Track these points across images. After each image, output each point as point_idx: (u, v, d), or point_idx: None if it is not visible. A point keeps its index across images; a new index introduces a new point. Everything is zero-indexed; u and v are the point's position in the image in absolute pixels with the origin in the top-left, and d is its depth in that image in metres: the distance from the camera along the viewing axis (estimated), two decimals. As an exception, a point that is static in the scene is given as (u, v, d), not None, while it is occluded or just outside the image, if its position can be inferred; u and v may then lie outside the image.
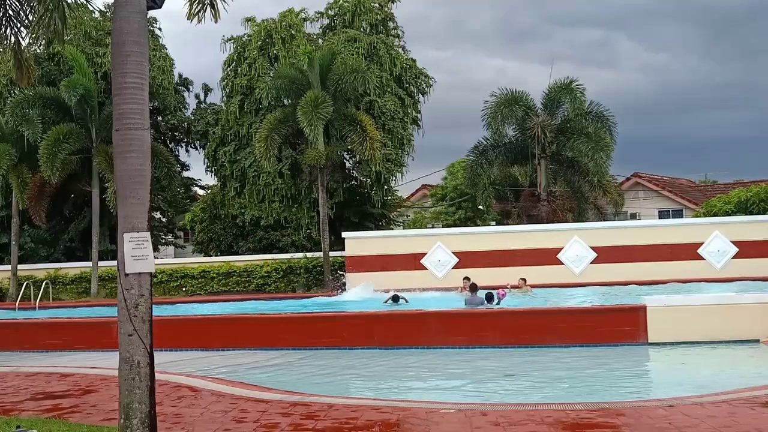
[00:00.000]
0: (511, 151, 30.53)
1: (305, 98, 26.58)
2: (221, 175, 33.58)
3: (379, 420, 7.58)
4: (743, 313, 13.48)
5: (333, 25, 35.19)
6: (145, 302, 6.34)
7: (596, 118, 29.21)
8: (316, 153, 26.86)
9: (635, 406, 8.04)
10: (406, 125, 32.90)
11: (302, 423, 7.55)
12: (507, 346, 13.69)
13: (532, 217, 28.98)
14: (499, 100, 29.50)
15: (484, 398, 9.72)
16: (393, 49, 33.59)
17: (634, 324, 13.58)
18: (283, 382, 10.79)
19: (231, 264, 29.04)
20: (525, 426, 7.08)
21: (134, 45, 6.53)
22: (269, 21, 33.40)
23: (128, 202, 6.40)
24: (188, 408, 8.57)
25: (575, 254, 24.84)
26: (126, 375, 6.27)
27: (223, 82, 33.84)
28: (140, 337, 6.28)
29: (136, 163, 6.45)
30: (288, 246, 31.81)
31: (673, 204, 43.33)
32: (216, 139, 33.62)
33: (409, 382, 11.56)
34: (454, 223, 40.98)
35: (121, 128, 6.47)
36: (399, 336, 14.36)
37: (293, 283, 28.24)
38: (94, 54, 31.94)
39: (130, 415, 6.20)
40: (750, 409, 7.66)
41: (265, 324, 15.65)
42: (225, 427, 7.47)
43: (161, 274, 28.21)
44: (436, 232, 30.26)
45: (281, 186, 31.86)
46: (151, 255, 6.40)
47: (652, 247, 24.50)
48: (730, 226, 24.94)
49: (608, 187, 31.44)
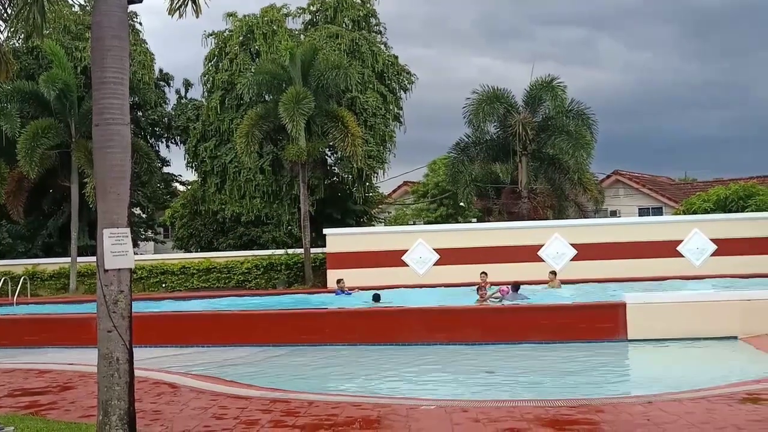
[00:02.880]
0: (493, 148, 30.63)
1: (287, 94, 26.48)
2: (202, 170, 33.40)
3: (359, 416, 7.58)
4: (721, 311, 13.61)
5: (315, 21, 35.11)
6: (124, 298, 6.30)
7: (577, 116, 29.37)
8: (298, 149, 26.79)
9: (614, 403, 8.10)
10: (388, 122, 32.90)
11: (282, 419, 7.53)
12: (488, 342, 13.73)
13: (513, 214, 29.08)
14: (481, 97, 29.58)
15: (465, 395, 9.75)
16: (375, 45, 33.57)
17: (613, 321, 13.68)
18: (264, 379, 10.77)
19: (211, 260, 28.90)
20: (505, 422, 7.10)
21: (114, 39, 6.47)
22: (251, 16, 33.26)
23: (108, 197, 6.35)
24: (168, 405, 8.53)
25: (556, 251, 24.96)
26: (105, 371, 6.23)
27: (204, 77, 33.66)
28: (119, 334, 6.24)
29: (116, 159, 6.40)
30: (269, 242, 31.70)
31: (653, 201, 43.66)
32: (197, 135, 33.44)
33: (389, 378, 11.57)
34: (436, 220, 41.04)
35: (101, 123, 6.41)
36: (380, 332, 14.37)
37: (274, 280, 28.15)
38: (74, 48, 31.64)
39: (108, 412, 6.16)
40: (728, 405, 7.74)
41: (245, 320, 15.59)
42: (204, 423, 7.43)
43: (141, 270, 28.01)
44: (417, 229, 30.25)
45: (262, 182, 31.76)
46: (130, 251, 6.36)
47: (631, 244, 24.66)
48: (709, 224, 25.16)
49: (589, 185, 31.61)
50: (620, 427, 7.02)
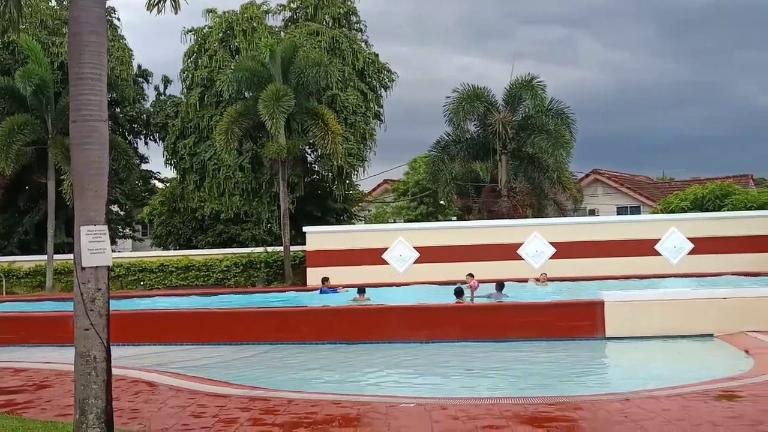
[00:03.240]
0: (473, 146, 30.72)
1: (267, 91, 26.39)
2: (181, 168, 33.21)
3: (339, 414, 7.57)
4: (698, 309, 13.73)
5: (295, 18, 35.01)
6: (102, 296, 6.24)
7: (556, 115, 29.53)
8: (278, 147, 26.70)
9: (592, 400, 8.15)
10: (369, 120, 32.88)
11: (261, 418, 7.50)
12: (467, 340, 13.76)
13: (492, 212, 29.18)
14: (461, 95, 29.65)
15: (444, 392, 9.77)
16: (356, 43, 33.54)
17: (591, 319, 13.75)
18: (243, 377, 10.73)
19: (190, 258, 28.73)
20: (484, 420, 7.12)
21: (92, 35, 6.40)
22: (230, 13, 33.10)
23: (85, 194, 6.29)
24: (145, 403, 8.47)
25: (535, 250, 25.08)
26: (82, 370, 6.17)
27: (183, 73, 33.46)
28: (97, 332, 6.18)
29: (94, 155, 6.33)
30: (248, 240, 31.59)
31: (631, 200, 44.02)
32: (175, 132, 33.24)
33: (369, 376, 11.57)
34: (416, 218, 41.10)
35: (79, 119, 6.35)
36: (360, 331, 14.35)
37: (253, 278, 28.06)
38: (51, 43, 31.32)
39: (85, 411, 6.10)
40: (703, 402, 7.81)
41: (224, 318, 15.50)
42: (183, 422, 7.39)
43: (119, 268, 27.80)
44: (397, 227, 30.29)
45: (242, 179, 31.63)
46: (108, 248, 6.30)
47: (610, 242, 24.82)
48: (686, 223, 25.38)
49: (568, 184, 31.81)
50: (598, 424, 7.07)
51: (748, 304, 13.64)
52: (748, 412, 7.25)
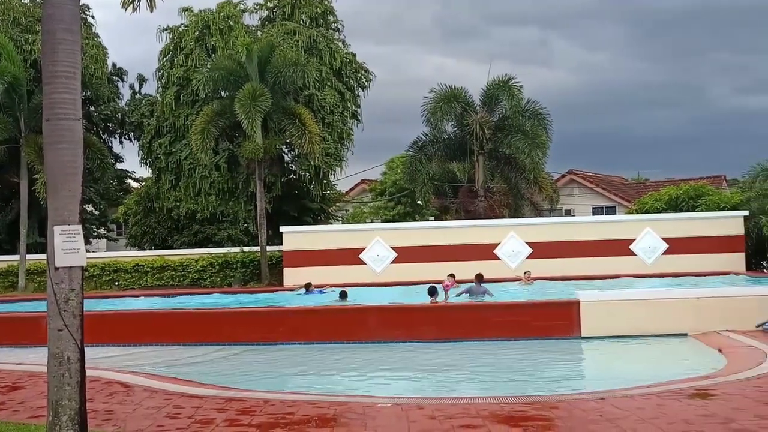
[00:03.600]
0: (450, 147, 30.79)
1: (243, 91, 26.27)
2: (156, 167, 32.96)
3: (315, 415, 7.56)
4: (672, 308, 13.88)
5: (272, 18, 34.88)
6: (75, 296, 6.18)
7: (533, 115, 29.68)
8: (254, 146, 26.57)
9: (568, 399, 8.20)
10: (346, 119, 32.85)
11: (238, 418, 7.46)
12: (445, 340, 13.80)
13: (469, 212, 29.26)
14: (439, 96, 29.70)
15: (421, 392, 9.79)
16: (333, 42, 33.48)
17: (568, 318, 13.85)
18: (219, 378, 10.67)
19: (165, 258, 28.50)
20: (461, 419, 7.14)
21: (66, 33, 6.34)
22: (207, 11, 32.90)
23: (59, 194, 6.22)
24: (120, 404, 8.39)
25: (512, 249, 25.19)
26: (55, 371, 6.11)
27: (158, 72, 33.20)
28: (71, 333, 6.12)
29: (68, 155, 6.27)
30: (224, 240, 31.42)
31: (607, 201, 44.36)
32: (151, 131, 32.99)
33: (346, 376, 11.57)
34: (393, 218, 41.11)
35: (52, 118, 6.28)
36: (337, 331, 14.35)
37: (229, 278, 27.90)
38: (23, 41, 30.94)
39: (59, 412, 6.04)
40: (677, 401, 7.89)
41: (200, 318, 15.42)
42: (158, 423, 7.34)
43: (93, 268, 27.49)
44: (374, 227, 30.27)
45: (218, 179, 31.46)
46: (82, 248, 6.24)
47: (586, 243, 25.00)
48: (660, 223, 25.62)
49: (544, 184, 31.96)
50: (574, 423, 7.11)
51: (721, 304, 13.82)
52: (721, 410, 7.33)
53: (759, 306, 13.63)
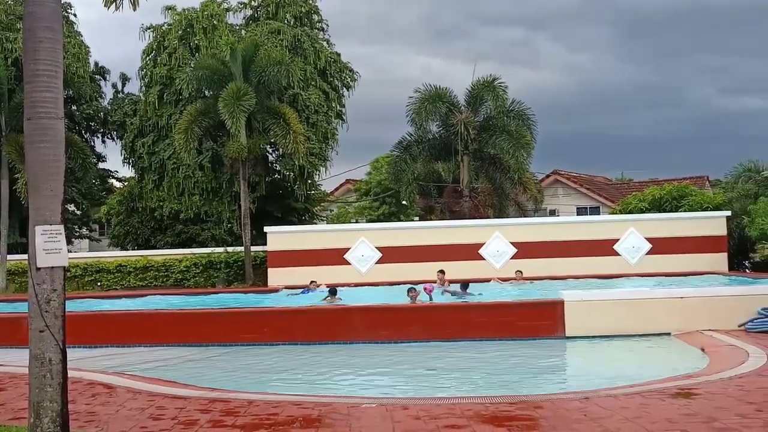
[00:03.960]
0: (435, 147, 30.81)
1: (227, 90, 26.17)
2: (139, 167, 32.78)
3: (300, 415, 7.53)
4: (656, 308, 13.96)
5: (256, 17, 34.79)
6: (57, 297, 6.13)
7: (518, 116, 29.77)
8: (238, 146, 26.47)
9: (552, 399, 8.22)
10: (331, 119, 32.81)
11: (222, 419, 7.42)
12: (430, 340, 13.80)
13: (454, 212, 29.30)
14: (424, 96, 29.72)
15: (406, 392, 9.78)
16: (317, 42, 33.43)
17: (552, 318, 13.89)
18: (203, 379, 10.61)
19: (149, 258, 28.35)
20: (446, 419, 7.14)
21: (47, 31, 6.28)
22: (190, 10, 32.77)
23: (40, 193, 6.17)
24: (103, 406, 8.32)
25: (496, 249, 25.25)
26: (36, 372, 6.05)
27: (141, 71, 33.02)
28: (52, 333, 6.06)
29: (49, 154, 6.21)
30: (208, 240, 31.30)
31: (591, 201, 44.56)
32: (134, 130, 32.81)
33: (331, 377, 11.54)
34: (378, 218, 41.12)
35: (34, 117, 6.22)
36: (321, 331, 14.31)
37: (213, 278, 27.79)
38: (4, 39, 30.67)
39: (40, 414, 5.98)
40: (660, 400, 7.92)
41: (183, 319, 15.33)
42: (141, 424, 7.28)
43: (75, 269, 27.31)
44: (359, 227, 30.25)
45: (201, 179, 31.33)
46: (64, 248, 6.19)
47: (570, 243, 25.09)
48: (644, 223, 25.76)
49: (528, 184, 32.09)
50: (558, 422, 7.13)
51: (704, 304, 13.91)
52: (704, 410, 7.37)
53: (741, 306, 13.73)
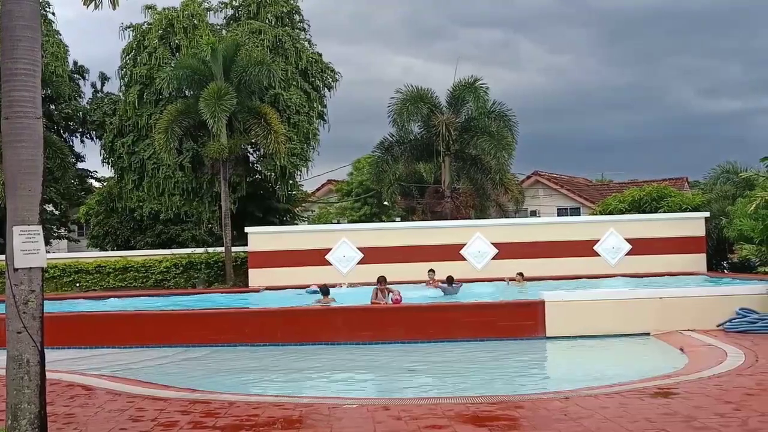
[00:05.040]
0: (417, 147, 30.82)
1: (208, 90, 26.02)
2: (119, 167, 32.52)
3: (281, 416, 7.51)
4: (635, 308, 14.07)
5: (237, 16, 34.63)
6: (35, 298, 6.08)
7: (499, 117, 29.84)
8: (219, 146, 26.35)
9: (533, 399, 8.26)
10: (312, 119, 32.71)
11: (202, 421, 7.39)
12: (411, 341, 13.82)
13: (436, 213, 29.33)
14: (405, 96, 29.72)
15: (387, 393, 9.79)
16: (299, 42, 33.34)
17: (533, 318, 13.96)
18: (183, 380, 10.56)
19: (128, 259, 28.13)
20: (426, 420, 7.15)
21: (25, 29, 6.24)
22: (171, 10, 32.52)
23: (18, 194, 6.12)
24: (81, 408, 8.26)
25: (477, 250, 25.31)
26: (14, 374, 6.00)
27: (121, 71, 32.73)
28: (30, 335, 6.01)
29: (27, 154, 6.17)
30: (188, 241, 31.15)
31: (571, 202, 44.81)
32: (113, 130, 32.55)
33: (312, 378, 11.52)
34: (360, 218, 41.10)
35: (11, 117, 6.17)
36: (303, 332, 14.29)
37: (193, 279, 27.63)
38: (-17, 37, 30.33)
39: (18, 416, 5.93)
40: (640, 399, 7.99)
41: (164, 320, 15.24)
42: (121, 426, 7.23)
43: (53, 269, 27.04)
44: (341, 228, 30.20)
45: (182, 179, 31.13)
46: (42, 249, 6.14)
47: (550, 243, 25.20)
48: (624, 224, 25.92)
49: (509, 185, 32.19)
50: (539, 422, 7.16)
51: (683, 304, 14.04)
52: (683, 409, 7.43)
53: (720, 306, 13.89)
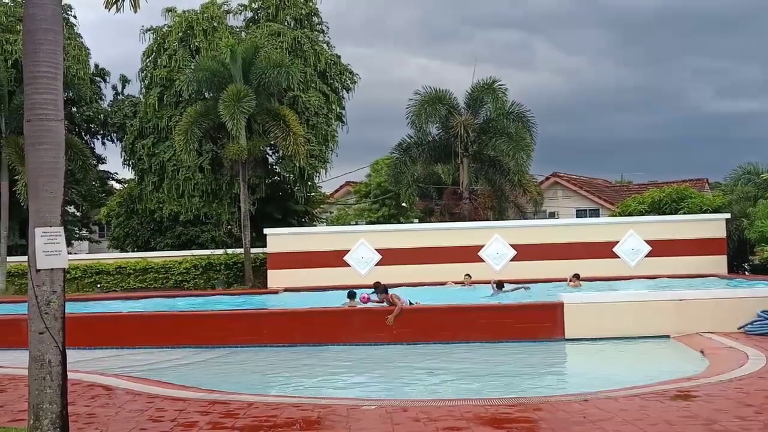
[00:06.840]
0: (435, 149, 30.80)
1: (227, 92, 26.14)
2: (139, 168, 32.74)
3: (299, 417, 7.53)
4: (655, 310, 13.97)
5: (256, 19, 34.77)
6: (57, 299, 6.13)
7: (517, 118, 29.76)
8: (238, 148, 26.47)
9: (552, 401, 8.22)
10: (330, 121, 32.76)
11: (221, 421, 7.42)
12: (429, 342, 13.81)
13: (454, 215, 29.30)
14: (423, 98, 29.72)
15: (405, 394, 9.78)
16: (317, 44, 33.41)
17: (551, 320, 13.90)
18: (202, 381, 10.60)
19: (148, 260, 28.31)
20: (445, 421, 7.14)
21: (47, 33, 6.29)
22: (190, 12, 32.73)
23: (40, 195, 6.18)
24: (102, 407, 8.32)
25: (496, 252, 25.23)
26: (36, 374, 6.05)
27: (141, 73, 32.98)
28: (52, 335, 6.06)
29: (49, 156, 6.22)
30: (208, 242, 31.27)
31: (590, 203, 44.55)
32: (134, 132, 32.78)
33: (330, 379, 11.53)
34: (378, 220, 41.08)
35: (33, 119, 6.23)
36: (320, 333, 14.33)
37: (213, 280, 27.76)
38: (4, 41, 30.63)
39: (40, 416, 5.99)
40: (660, 402, 7.93)
41: (182, 321, 15.34)
42: (141, 426, 7.28)
43: (75, 270, 27.27)
44: (359, 229, 30.20)
45: (201, 181, 31.29)
46: (64, 250, 6.19)
47: (569, 245, 25.06)
48: (643, 226, 25.74)
49: (528, 186, 32.07)
50: (557, 424, 7.13)
51: (703, 306, 13.92)
52: (703, 412, 7.37)
53: (741, 308, 13.75)
